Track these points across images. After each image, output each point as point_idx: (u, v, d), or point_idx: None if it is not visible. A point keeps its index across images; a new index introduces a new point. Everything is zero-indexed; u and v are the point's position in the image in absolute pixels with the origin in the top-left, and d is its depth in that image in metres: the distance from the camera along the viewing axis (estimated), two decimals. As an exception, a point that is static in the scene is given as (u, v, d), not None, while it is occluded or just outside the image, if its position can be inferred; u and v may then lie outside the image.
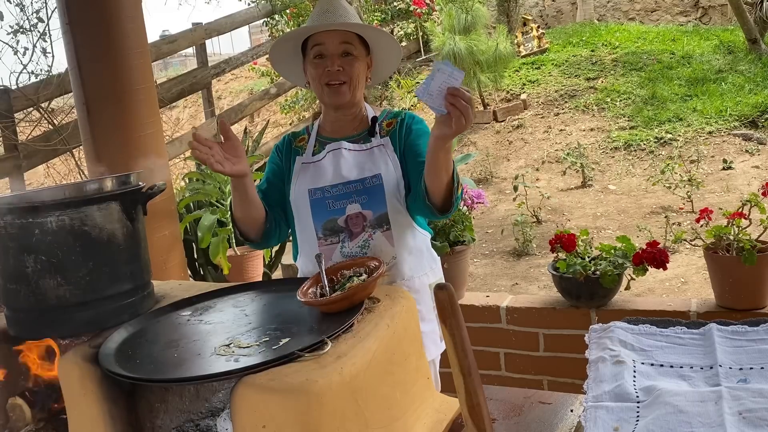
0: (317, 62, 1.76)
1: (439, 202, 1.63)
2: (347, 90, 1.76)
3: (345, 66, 1.75)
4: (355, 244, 1.76)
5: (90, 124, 3.04)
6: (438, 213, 1.66)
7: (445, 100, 1.39)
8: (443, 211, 1.66)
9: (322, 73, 1.75)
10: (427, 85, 1.38)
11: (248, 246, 1.89)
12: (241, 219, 1.78)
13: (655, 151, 6.62)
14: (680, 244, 4.49)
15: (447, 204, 1.63)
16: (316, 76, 1.77)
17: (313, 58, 1.77)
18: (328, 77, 1.75)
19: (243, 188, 1.70)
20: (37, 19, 5.84)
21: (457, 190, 1.62)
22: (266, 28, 9.57)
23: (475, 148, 7.49)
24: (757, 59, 7.78)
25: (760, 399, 1.15)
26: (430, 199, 1.63)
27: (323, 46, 1.75)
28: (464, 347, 1.09)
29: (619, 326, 1.45)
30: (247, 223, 1.79)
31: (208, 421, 1.50)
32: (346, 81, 1.75)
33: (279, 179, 1.89)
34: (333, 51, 1.74)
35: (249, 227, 1.80)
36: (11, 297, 1.43)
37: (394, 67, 1.95)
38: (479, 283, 4.75)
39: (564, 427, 1.42)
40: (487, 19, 8.02)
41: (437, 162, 1.54)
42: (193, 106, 11.60)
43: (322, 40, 1.75)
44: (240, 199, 1.73)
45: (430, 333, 1.81)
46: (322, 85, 1.77)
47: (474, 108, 1.42)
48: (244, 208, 1.75)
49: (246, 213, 1.76)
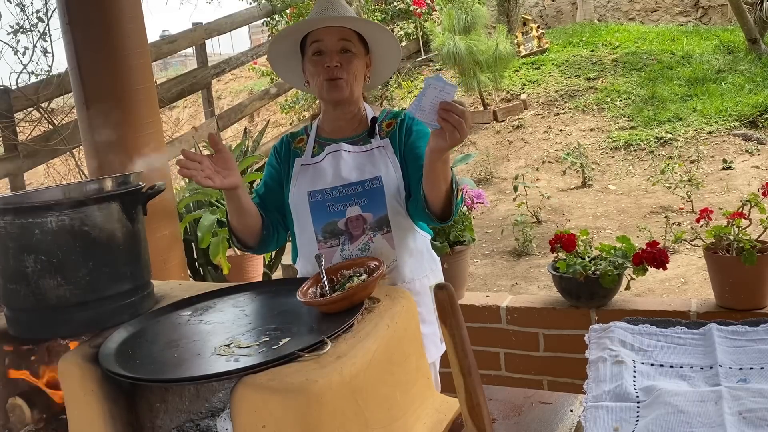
0: (316, 59, 1.76)
1: (438, 210, 1.64)
2: (345, 85, 1.76)
3: (343, 62, 1.75)
4: (355, 247, 1.76)
5: (90, 125, 3.04)
6: (438, 220, 1.67)
7: (437, 115, 1.38)
8: (443, 219, 1.67)
9: (321, 69, 1.75)
10: (419, 101, 1.37)
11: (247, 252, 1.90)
12: (237, 228, 1.78)
13: (655, 151, 6.62)
14: (680, 244, 4.49)
15: (446, 212, 1.64)
16: (315, 72, 1.77)
17: (312, 56, 1.77)
18: (327, 73, 1.74)
19: (237, 199, 1.70)
20: (37, 19, 5.85)
21: (456, 198, 1.62)
22: (266, 28, 9.57)
23: (475, 148, 7.49)
24: (757, 59, 7.78)
25: (760, 399, 1.15)
26: (429, 208, 1.63)
27: (322, 43, 1.75)
28: (464, 347, 1.09)
29: (619, 326, 1.45)
30: (244, 231, 1.79)
31: (208, 421, 1.50)
32: (344, 78, 1.75)
33: (277, 183, 1.88)
34: (332, 47, 1.74)
35: (246, 235, 1.80)
36: (11, 297, 1.43)
37: (393, 67, 1.94)
38: (479, 283, 4.75)
39: (564, 427, 1.42)
40: (487, 19, 8.03)
41: (435, 173, 1.55)
42: (193, 106, 11.60)
43: (320, 36, 1.75)
44: (235, 210, 1.73)
45: (430, 335, 1.81)
46: (321, 81, 1.76)
47: (469, 120, 1.41)
48: (239, 218, 1.75)
49: (242, 222, 1.76)
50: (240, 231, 1.79)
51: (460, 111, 1.38)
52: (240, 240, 1.81)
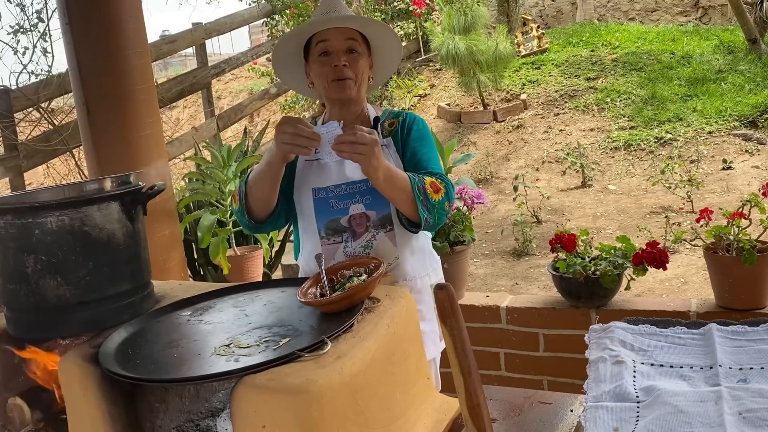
0: (323, 60, 1.76)
1: (412, 218, 1.69)
2: (353, 85, 1.77)
3: (351, 62, 1.75)
4: (358, 244, 1.76)
5: (90, 124, 3.04)
6: (414, 229, 1.74)
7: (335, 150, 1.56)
8: (419, 228, 1.71)
9: (328, 69, 1.75)
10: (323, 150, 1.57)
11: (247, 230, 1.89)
12: (261, 199, 1.75)
13: (655, 151, 6.62)
14: (680, 244, 4.49)
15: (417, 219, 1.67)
16: (321, 73, 1.77)
17: (318, 56, 1.77)
18: (335, 73, 1.75)
19: (282, 170, 1.70)
20: (37, 19, 5.85)
21: (425, 207, 1.65)
22: (266, 28, 9.56)
23: (475, 148, 7.50)
24: (757, 59, 7.78)
25: (760, 399, 1.15)
26: (400, 217, 1.72)
27: (328, 43, 1.75)
28: (464, 347, 1.09)
29: (619, 326, 1.45)
30: (265, 204, 1.76)
31: (208, 421, 1.50)
32: (352, 77, 1.76)
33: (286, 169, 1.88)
34: (339, 47, 1.75)
35: (261, 209, 1.77)
36: (11, 297, 1.43)
37: (394, 66, 1.95)
38: (479, 283, 4.75)
39: (564, 427, 1.42)
40: (486, 19, 8.02)
41: (382, 191, 1.65)
42: (193, 106, 11.60)
43: (327, 37, 1.75)
44: (273, 180, 1.71)
45: (430, 332, 1.82)
46: (328, 81, 1.76)
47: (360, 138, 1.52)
48: (271, 190, 1.73)
49: (271, 195, 1.74)
50: (262, 201, 1.75)
51: (343, 138, 1.53)
52: (252, 213, 1.77)
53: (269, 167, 1.68)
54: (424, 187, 1.66)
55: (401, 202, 1.66)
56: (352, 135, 1.52)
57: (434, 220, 1.68)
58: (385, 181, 1.59)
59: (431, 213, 1.66)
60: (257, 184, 1.73)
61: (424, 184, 1.66)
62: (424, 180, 1.67)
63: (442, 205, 1.69)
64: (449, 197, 1.71)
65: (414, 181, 1.65)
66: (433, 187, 1.67)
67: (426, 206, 1.65)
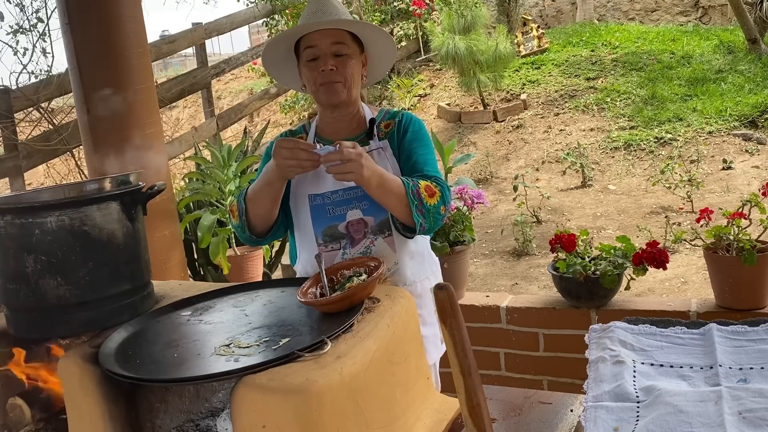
0: (311, 64, 1.75)
1: (406, 223, 1.68)
2: (342, 88, 1.75)
3: (339, 65, 1.73)
4: (356, 251, 1.75)
5: (90, 124, 3.04)
6: (409, 234, 1.73)
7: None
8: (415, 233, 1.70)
9: (316, 74, 1.74)
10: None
11: (247, 243, 1.88)
12: (262, 215, 1.74)
13: (655, 151, 6.62)
14: (680, 244, 4.49)
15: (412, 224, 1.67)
16: (310, 78, 1.76)
17: (306, 61, 1.75)
18: (323, 78, 1.73)
19: (282, 189, 1.70)
20: (37, 19, 5.85)
21: (420, 214, 1.64)
22: (266, 28, 9.56)
23: (475, 148, 7.50)
24: (757, 59, 7.78)
25: (760, 399, 1.15)
26: (396, 224, 1.71)
27: (315, 48, 1.73)
28: (464, 347, 1.09)
29: (619, 326, 1.45)
30: (266, 219, 1.76)
31: (208, 421, 1.50)
32: (341, 81, 1.74)
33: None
34: (325, 51, 1.73)
35: (262, 223, 1.77)
36: (11, 297, 1.43)
37: (390, 63, 1.92)
38: (479, 283, 4.75)
39: (564, 427, 1.42)
40: (486, 19, 8.03)
41: (374, 198, 1.64)
42: (193, 106, 11.59)
43: (314, 41, 1.73)
44: (274, 199, 1.71)
45: (431, 337, 1.81)
46: (317, 86, 1.75)
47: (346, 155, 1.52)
48: (273, 206, 1.73)
49: (272, 210, 1.74)
50: (263, 217, 1.75)
51: (328, 158, 1.54)
52: (253, 228, 1.77)
53: (270, 187, 1.68)
54: (419, 192, 1.64)
55: (395, 207, 1.65)
56: (339, 154, 1.53)
57: (429, 225, 1.67)
58: (378, 188, 1.59)
59: (426, 218, 1.65)
60: (258, 202, 1.72)
61: (418, 189, 1.64)
62: (419, 184, 1.66)
63: (438, 210, 1.67)
64: (445, 201, 1.69)
65: (408, 186, 1.64)
66: (428, 191, 1.65)
67: (421, 211, 1.63)
